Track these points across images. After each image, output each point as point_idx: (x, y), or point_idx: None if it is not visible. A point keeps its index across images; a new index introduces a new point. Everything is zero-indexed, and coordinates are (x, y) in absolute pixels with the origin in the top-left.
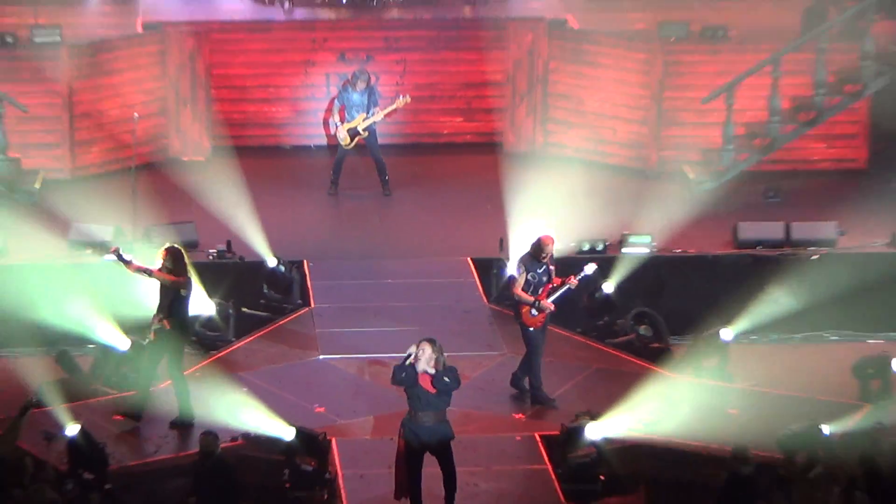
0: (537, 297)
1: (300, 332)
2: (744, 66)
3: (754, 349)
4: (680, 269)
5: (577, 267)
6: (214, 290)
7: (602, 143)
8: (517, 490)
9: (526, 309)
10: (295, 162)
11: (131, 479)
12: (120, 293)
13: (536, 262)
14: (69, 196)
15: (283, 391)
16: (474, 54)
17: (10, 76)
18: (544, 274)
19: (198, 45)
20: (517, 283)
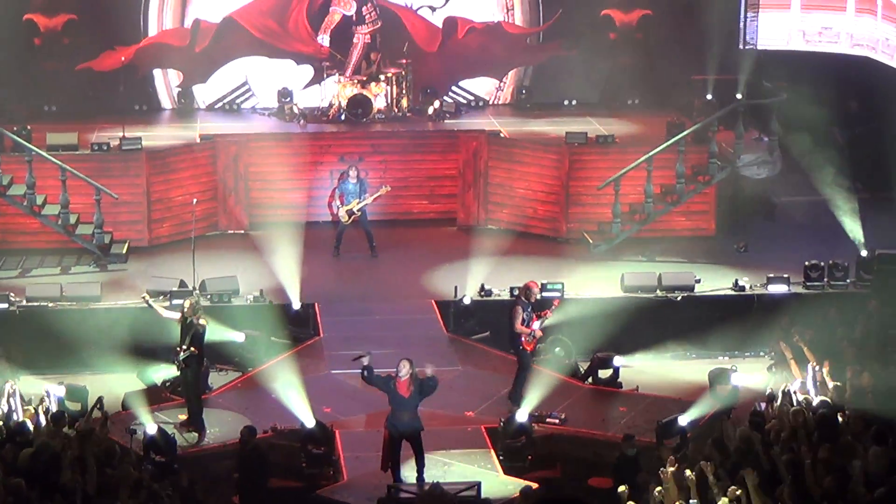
0: (530, 328)
1: (314, 354)
2: (627, 162)
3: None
4: (583, 308)
5: (547, 303)
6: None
7: (526, 217)
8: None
9: (524, 338)
10: (309, 233)
11: (191, 462)
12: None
13: (527, 302)
14: (147, 258)
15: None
16: (435, 156)
17: (105, 173)
18: (532, 311)
19: (239, 151)
20: (516, 320)
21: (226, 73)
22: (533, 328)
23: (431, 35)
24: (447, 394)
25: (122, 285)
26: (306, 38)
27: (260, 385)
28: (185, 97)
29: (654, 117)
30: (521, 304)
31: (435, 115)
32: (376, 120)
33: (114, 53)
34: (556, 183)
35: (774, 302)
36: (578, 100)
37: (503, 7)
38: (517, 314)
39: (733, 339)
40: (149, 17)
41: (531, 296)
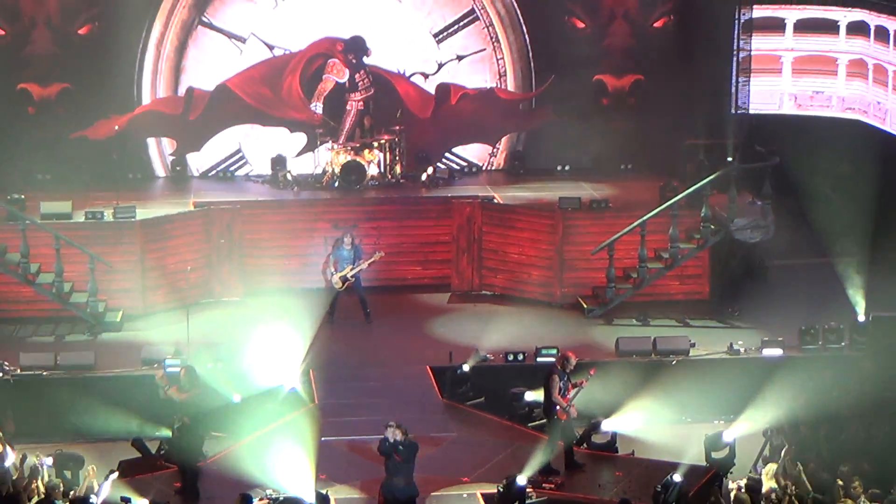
0: (565, 401)
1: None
2: (621, 227)
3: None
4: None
5: (583, 373)
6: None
7: (521, 283)
8: None
9: (560, 409)
10: (303, 300)
11: None
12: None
13: (563, 372)
14: (141, 326)
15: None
16: (429, 222)
17: (100, 241)
18: (568, 381)
19: (233, 218)
20: (553, 390)
21: (219, 140)
22: (571, 406)
23: (424, 101)
24: (443, 459)
25: (117, 353)
26: (300, 105)
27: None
28: (178, 165)
29: (647, 182)
30: (558, 374)
31: (428, 182)
32: (370, 186)
33: (108, 122)
34: (551, 248)
35: (769, 365)
36: (572, 165)
37: (496, 73)
38: (554, 384)
39: (729, 403)
40: (142, 86)
41: (568, 365)
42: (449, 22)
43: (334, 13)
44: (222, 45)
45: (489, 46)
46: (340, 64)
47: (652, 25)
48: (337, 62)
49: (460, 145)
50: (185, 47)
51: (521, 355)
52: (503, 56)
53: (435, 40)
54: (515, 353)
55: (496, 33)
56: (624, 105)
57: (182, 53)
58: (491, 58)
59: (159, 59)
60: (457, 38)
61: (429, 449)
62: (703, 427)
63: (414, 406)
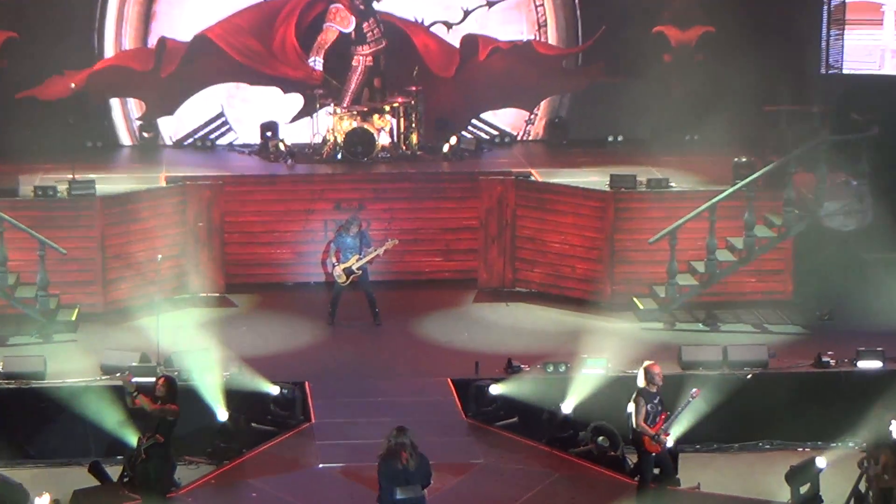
0: (655, 428)
1: (303, 444)
2: (685, 211)
3: (698, 457)
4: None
5: (684, 395)
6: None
7: (562, 278)
8: None
9: (647, 438)
10: (298, 297)
11: None
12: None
13: (650, 392)
14: (101, 327)
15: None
16: (452, 203)
17: (51, 223)
18: (659, 403)
19: (213, 197)
20: (638, 415)
21: (197, 102)
22: (662, 435)
23: (447, 57)
24: (467, 492)
25: (72, 359)
26: (295, 60)
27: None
28: (148, 132)
29: (718, 156)
30: (644, 395)
31: (451, 154)
32: (380, 159)
33: (62, 79)
34: (599, 236)
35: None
36: (626, 136)
37: (534, 23)
38: (639, 408)
39: (817, 427)
40: (104, 36)
41: (653, 382)
42: None
43: None
44: None
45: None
46: (345, 10)
47: None
48: (341, 8)
49: (490, 110)
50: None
51: (562, 366)
52: (543, 2)
53: None
54: (556, 364)
55: None
56: (690, 62)
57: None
58: (528, 4)
59: (125, 2)
60: None
61: (449, 478)
62: (785, 456)
63: (432, 427)
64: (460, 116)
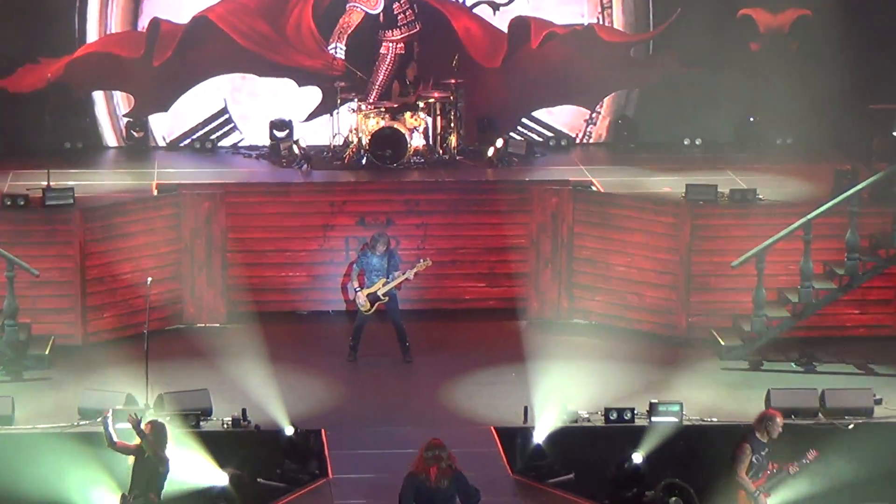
0: (756, 484)
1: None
2: (774, 229)
3: None
4: (711, 439)
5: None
6: (229, 460)
7: (629, 308)
8: None
9: (743, 493)
10: (313, 328)
11: None
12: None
13: (761, 442)
14: (80, 362)
15: None
16: (497, 218)
17: (22, 239)
18: (767, 457)
19: (213, 208)
20: (742, 463)
21: (196, 97)
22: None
23: (493, 44)
24: None
25: (45, 400)
26: (312, 47)
27: None
28: (137, 130)
29: (815, 164)
30: (753, 443)
31: (497, 160)
32: (412, 165)
33: (37, 68)
34: (673, 258)
35: None
36: (705, 138)
37: (596, 4)
38: (743, 455)
39: None
40: (87, 17)
41: (773, 430)
42: None
43: None
44: None
45: None
46: None
47: None
48: None
49: (544, 108)
50: None
51: (627, 413)
52: None
53: None
54: (620, 410)
55: None
56: (782, 52)
57: None
58: None
59: None
60: None
61: None
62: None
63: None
64: (508, 115)
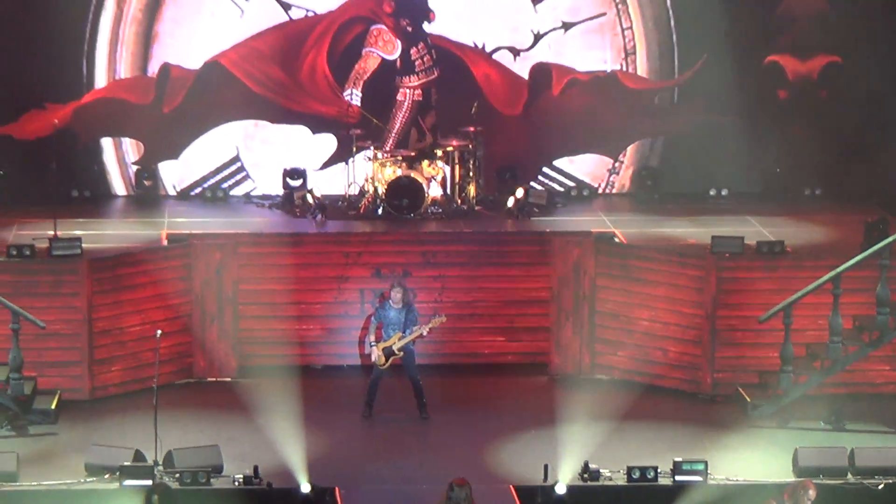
0: None
1: None
2: (802, 283)
3: None
4: (737, 499)
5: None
6: None
7: (652, 364)
8: None
9: None
10: (327, 383)
11: None
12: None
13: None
14: (87, 417)
15: None
16: (517, 270)
17: (28, 290)
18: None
19: (225, 259)
20: None
21: (207, 144)
22: None
23: (513, 91)
24: None
25: (51, 457)
26: (327, 93)
27: None
28: (147, 179)
29: (845, 215)
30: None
31: (517, 210)
32: (430, 216)
33: (43, 114)
34: (698, 312)
35: None
36: (732, 188)
37: (620, 50)
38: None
39: None
40: (95, 62)
41: (802, 500)
42: None
43: None
44: (214, 1)
45: (611, 9)
46: (389, 33)
47: None
48: (384, 30)
49: (565, 157)
50: (160, 4)
51: (651, 471)
52: (631, 24)
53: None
54: (643, 469)
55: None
56: (811, 100)
57: (155, 14)
58: (613, 27)
59: (121, 21)
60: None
61: None
62: None
63: None
64: (528, 164)
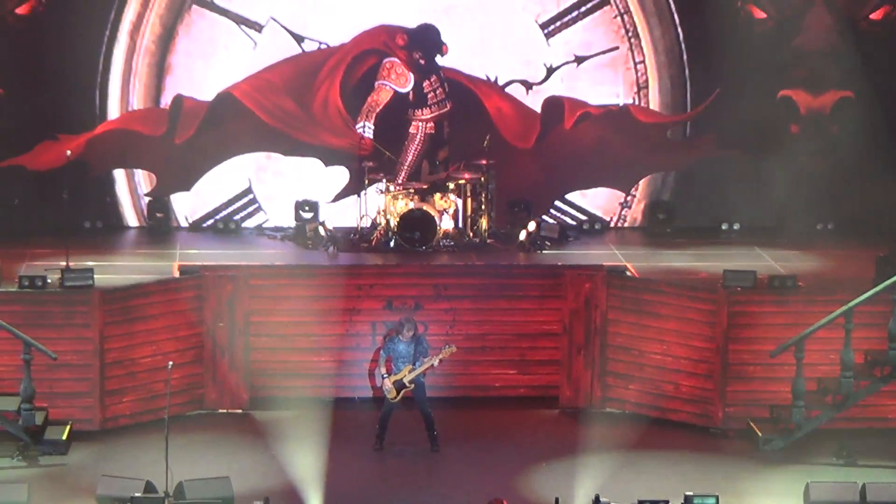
0: None
1: None
2: (814, 317)
3: None
4: None
5: None
6: None
7: (664, 398)
8: None
9: None
10: (338, 415)
11: None
12: None
13: None
14: (98, 448)
15: None
16: (528, 303)
17: (39, 321)
18: None
19: (236, 291)
20: None
21: (220, 176)
22: None
23: (525, 124)
24: None
25: (62, 487)
26: (339, 125)
27: None
28: (159, 211)
29: (857, 250)
30: None
31: (529, 243)
32: (441, 249)
33: (56, 145)
34: (709, 346)
35: None
36: (743, 223)
37: (632, 84)
38: None
39: None
40: (108, 93)
41: None
42: (564, 6)
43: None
44: (227, 33)
45: (623, 44)
46: (402, 66)
47: (866, 17)
48: (397, 63)
49: (577, 190)
50: (173, 36)
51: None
52: (644, 58)
53: (543, 33)
54: (654, 503)
55: (634, 24)
56: (823, 135)
57: (168, 46)
58: (626, 61)
59: (134, 53)
60: (575, 31)
61: None
62: None
63: None
64: (541, 197)
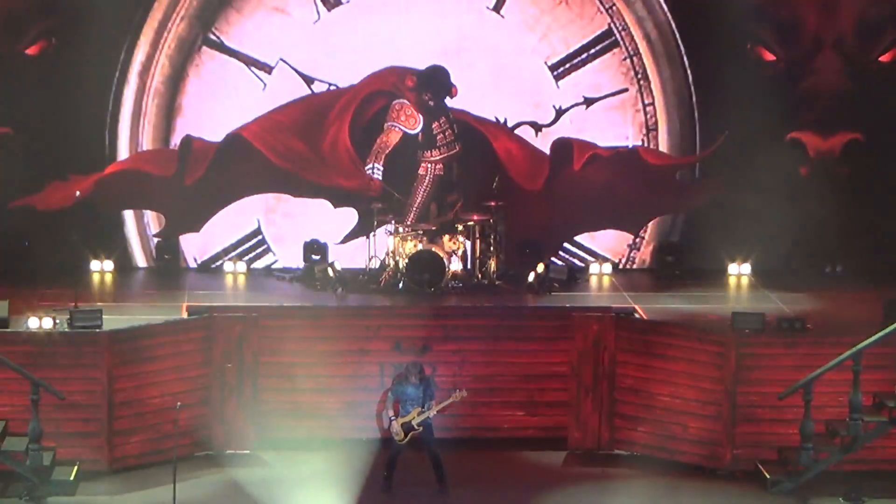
0: None
1: None
2: (823, 359)
3: None
4: None
5: None
6: None
7: (672, 439)
8: None
9: None
10: (346, 457)
11: None
12: None
13: None
14: (106, 489)
15: None
16: (537, 345)
17: (48, 361)
18: None
19: (245, 332)
20: None
21: (229, 217)
22: None
23: (534, 166)
24: None
25: None
26: (349, 167)
27: None
28: (167, 252)
29: (865, 293)
30: None
31: (537, 285)
32: (450, 290)
33: (65, 185)
34: (718, 388)
35: None
36: (753, 266)
37: (641, 126)
38: None
39: None
40: (118, 134)
41: None
42: (574, 49)
43: (402, 33)
44: (237, 74)
45: (633, 86)
46: (411, 107)
47: (875, 59)
48: (406, 104)
49: (586, 232)
50: (183, 77)
51: None
52: (653, 101)
53: (553, 75)
54: None
55: (643, 67)
56: (832, 177)
57: (178, 86)
58: (635, 103)
59: (144, 94)
60: (585, 74)
61: None
62: None
63: None
64: (549, 239)
